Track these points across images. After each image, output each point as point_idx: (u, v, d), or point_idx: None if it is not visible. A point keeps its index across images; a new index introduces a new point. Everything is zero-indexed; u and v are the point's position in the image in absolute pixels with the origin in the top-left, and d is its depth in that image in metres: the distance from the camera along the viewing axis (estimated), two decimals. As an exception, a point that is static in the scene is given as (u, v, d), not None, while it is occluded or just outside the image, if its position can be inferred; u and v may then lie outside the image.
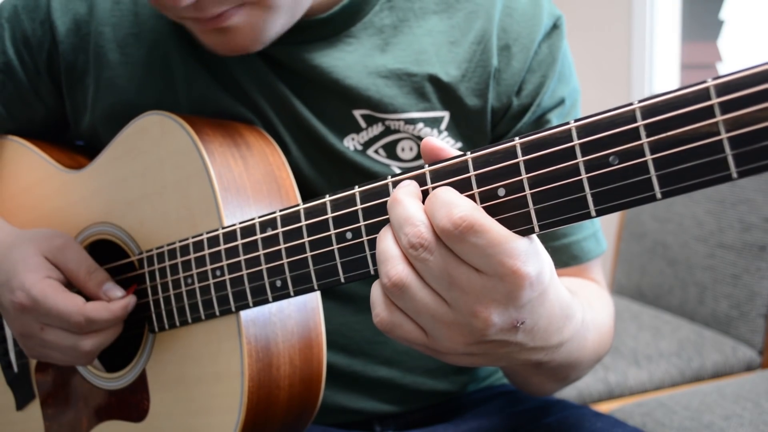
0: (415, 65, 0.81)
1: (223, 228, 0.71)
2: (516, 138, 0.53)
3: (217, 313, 0.73)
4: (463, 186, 0.55)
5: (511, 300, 0.54)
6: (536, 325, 0.58)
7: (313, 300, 0.76)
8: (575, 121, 0.51)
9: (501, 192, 0.54)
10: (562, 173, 0.51)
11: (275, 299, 0.68)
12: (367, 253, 0.61)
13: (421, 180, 0.57)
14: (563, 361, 0.70)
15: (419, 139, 0.82)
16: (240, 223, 0.70)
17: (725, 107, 0.45)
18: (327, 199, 0.63)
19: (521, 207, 0.53)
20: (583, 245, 0.88)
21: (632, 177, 0.49)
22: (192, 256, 0.74)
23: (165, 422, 0.78)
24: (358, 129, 0.82)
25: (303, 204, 0.65)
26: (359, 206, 0.61)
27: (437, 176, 0.57)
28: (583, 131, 0.50)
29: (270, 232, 0.67)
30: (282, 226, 0.66)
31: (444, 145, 0.57)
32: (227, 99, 0.83)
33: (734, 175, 0.45)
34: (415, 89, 0.81)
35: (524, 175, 0.53)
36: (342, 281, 0.63)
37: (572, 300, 0.63)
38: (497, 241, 0.52)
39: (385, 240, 0.56)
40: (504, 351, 0.59)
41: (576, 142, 0.51)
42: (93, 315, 0.75)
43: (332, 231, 0.62)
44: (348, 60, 0.80)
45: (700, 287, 1.94)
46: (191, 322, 0.75)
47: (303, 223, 0.65)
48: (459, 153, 0.56)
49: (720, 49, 2.71)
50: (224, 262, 0.71)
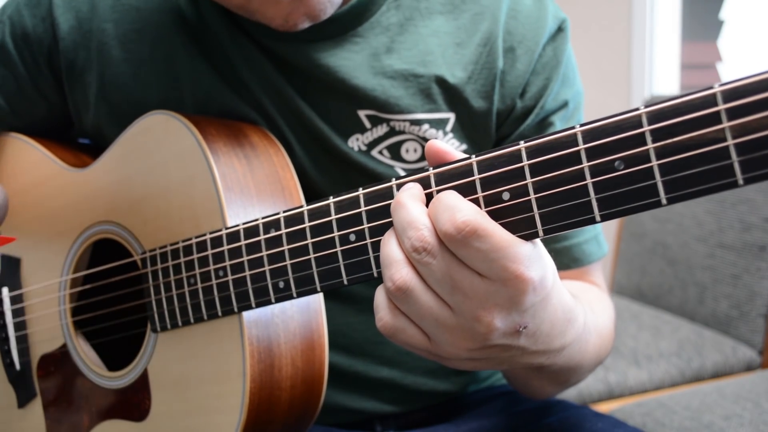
0: (422, 66, 0.81)
1: (227, 228, 0.71)
2: (521, 142, 0.53)
3: (220, 314, 0.72)
4: (468, 189, 0.55)
5: (514, 304, 0.54)
6: (538, 329, 0.58)
7: (316, 301, 0.76)
8: (580, 126, 0.51)
9: (506, 196, 0.54)
10: (567, 178, 0.51)
11: (278, 300, 0.68)
12: (371, 256, 0.61)
13: (426, 183, 0.57)
14: (564, 365, 0.70)
15: (424, 141, 0.82)
16: (243, 224, 0.70)
17: (732, 113, 0.45)
18: (331, 201, 0.63)
19: (526, 211, 0.53)
20: (585, 248, 0.88)
21: (638, 182, 0.48)
22: (195, 256, 0.74)
23: (166, 422, 0.78)
24: (363, 129, 0.82)
25: (306, 205, 0.65)
26: (363, 208, 0.61)
27: (442, 179, 0.57)
28: (589, 136, 0.50)
29: (273, 233, 0.67)
30: (285, 227, 0.66)
31: (448, 148, 0.57)
32: (232, 97, 0.82)
33: (740, 182, 0.45)
34: (422, 90, 0.81)
35: (529, 179, 0.53)
36: (345, 283, 0.63)
37: (575, 304, 0.64)
38: (500, 246, 0.52)
39: (389, 244, 0.56)
40: (506, 355, 0.59)
41: (581, 147, 0.50)
42: None
43: (336, 233, 0.62)
44: (354, 60, 0.80)
45: (700, 287, 1.94)
46: (193, 322, 0.75)
47: (306, 225, 0.64)
48: (464, 156, 0.56)
49: (720, 49, 2.72)
50: (227, 263, 0.71)
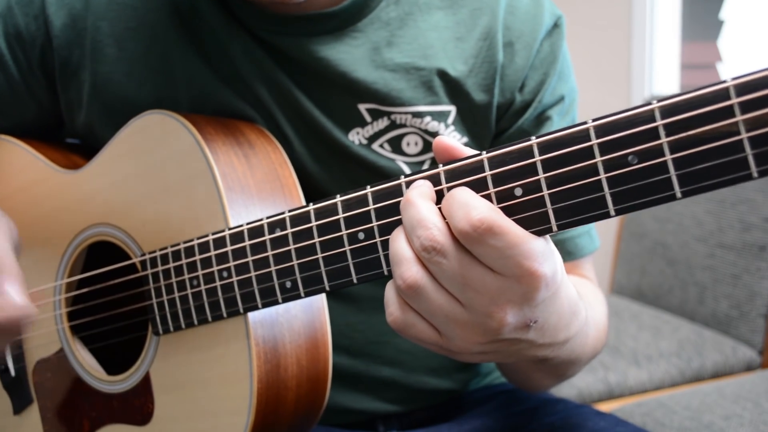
0: (423, 59, 0.81)
1: (230, 229, 0.71)
2: (532, 138, 0.53)
3: (225, 315, 0.72)
4: (479, 186, 0.55)
5: (527, 300, 0.54)
6: (546, 323, 0.58)
7: (319, 300, 0.75)
8: (593, 121, 0.51)
9: (518, 192, 0.54)
10: (581, 173, 0.51)
11: (285, 300, 0.68)
12: (381, 254, 0.60)
13: (436, 180, 0.57)
14: (566, 358, 0.70)
15: (426, 133, 0.82)
16: (247, 224, 0.69)
17: (745, 107, 0.45)
18: (338, 200, 0.62)
19: (539, 207, 0.53)
20: (578, 242, 0.88)
21: (652, 176, 0.49)
22: (197, 258, 0.73)
23: (171, 425, 0.77)
24: (363, 123, 0.82)
25: (313, 204, 0.64)
26: (371, 206, 0.60)
27: (452, 176, 0.57)
28: (602, 131, 0.50)
29: (279, 233, 0.67)
30: (291, 227, 0.66)
31: (457, 144, 0.57)
32: (228, 93, 0.82)
33: (755, 174, 0.45)
34: (423, 83, 0.81)
35: (541, 175, 0.53)
36: (355, 282, 0.62)
37: (578, 297, 0.64)
38: (515, 243, 0.52)
39: (398, 241, 0.56)
40: (515, 348, 0.60)
41: (594, 142, 0.51)
42: None
43: (344, 231, 0.62)
44: (354, 54, 0.80)
45: (700, 287, 1.94)
46: (197, 325, 0.74)
47: (313, 224, 0.64)
48: (473, 152, 0.56)
49: (720, 49, 2.72)
50: (231, 263, 0.70)
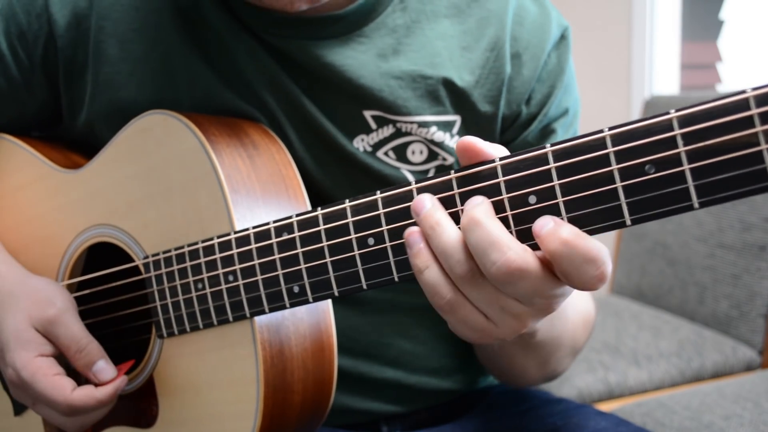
0: (430, 68, 0.80)
1: (236, 232, 0.70)
2: (547, 145, 0.53)
3: (231, 319, 0.71)
4: (492, 192, 0.55)
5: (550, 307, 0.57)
6: None
7: (324, 302, 0.75)
8: (609, 129, 0.50)
9: (532, 199, 0.53)
10: (596, 181, 0.51)
11: (293, 305, 0.67)
12: (391, 260, 0.60)
13: (448, 186, 0.57)
14: (546, 336, 0.75)
15: (431, 143, 0.81)
16: (254, 228, 0.69)
17: (765, 118, 0.45)
18: (347, 204, 0.62)
19: (553, 215, 0.53)
20: None
21: (669, 186, 0.48)
22: (202, 260, 0.73)
23: (175, 428, 0.77)
24: (369, 130, 0.81)
25: (321, 209, 0.64)
26: (381, 211, 0.60)
27: (464, 182, 0.56)
28: (618, 139, 0.50)
29: (286, 237, 0.66)
30: (299, 231, 0.65)
31: (486, 146, 0.56)
32: (231, 96, 0.81)
33: None
34: (429, 92, 0.80)
35: (556, 182, 0.52)
36: (364, 288, 0.62)
37: None
38: (541, 284, 0.53)
39: (446, 233, 0.55)
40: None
41: (611, 150, 0.50)
42: (77, 404, 0.74)
43: (353, 236, 0.62)
44: (361, 59, 0.80)
45: (700, 287, 1.94)
46: (202, 328, 0.74)
47: (321, 227, 0.64)
48: (498, 153, 0.56)
49: (720, 49, 2.72)
50: (237, 267, 0.70)
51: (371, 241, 0.61)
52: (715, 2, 2.68)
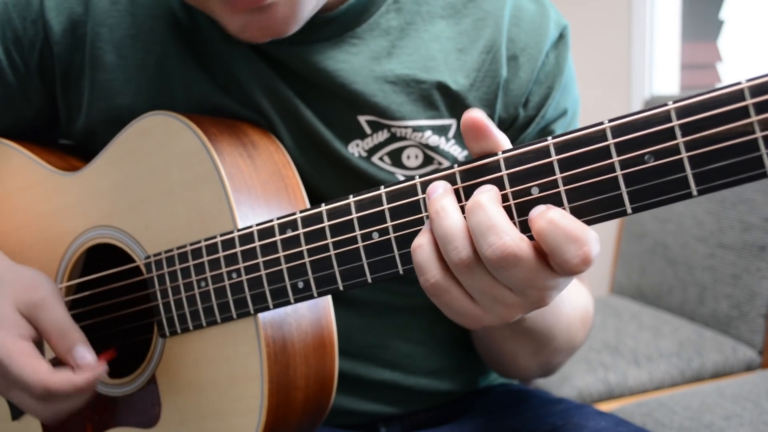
0: (424, 72, 0.80)
1: (239, 230, 0.70)
2: (548, 138, 0.54)
3: (234, 316, 0.72)
4: (495, 185, 0.56)
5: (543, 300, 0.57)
6: None
7: (325, 299, 0.75)
8: (609, 121, 0.52)
9: (534, 191, 0.55)
10: (597, 171, 0.52)
11: (297, 301, 0.68)
12: (396, 253, 0.61)
13: (451, 179, 0.58)
14: (536, 325, 0.75)
15: (426, 147, 0.81)
16: (257, 225, 0.69)
17: (759, 108, 0.46)
18: (351, 200, 0.62)
19: (556, 205, 0.54)
20: None
21: (668, 175, 0.50)
22: (205, 259, 0.73)
23: (178, 427, 0.77)
24: (363, 135, 0.81)
25: (325, 205, 0.64)
26: (386, 206, 0.61)
27: (468, 176, 0.57)
28: (618, 131, 0.51)
29: (290, 233, 0.67)
30: (303, 227, 0.66)
31: (493, 127, 0.57)
32: (228, 101, 0.81)
33: None
34: (423, 97, 0.80)
35: (558, 174, 0.54)
36: (369, 281, 0.63)
37: None
38: (534, 274, 0.54)
39: (449, 218, 0.56)
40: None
41: (611, 141, 0.52)
42: (53, 387, 0.72)
43: (357, 231, 0.62)
44: (353, 63, 0.79)
45: (700, 287, 1.94)
46: (206, 326, 0.74)
47: (326, 224, 0.64)
48: (502, 141, 0.57)
49: (720, 49, 2.72)
50: (241, 265, 0.70)
51: (376, 236, 0.62)
52: (715, 2, 2.68)
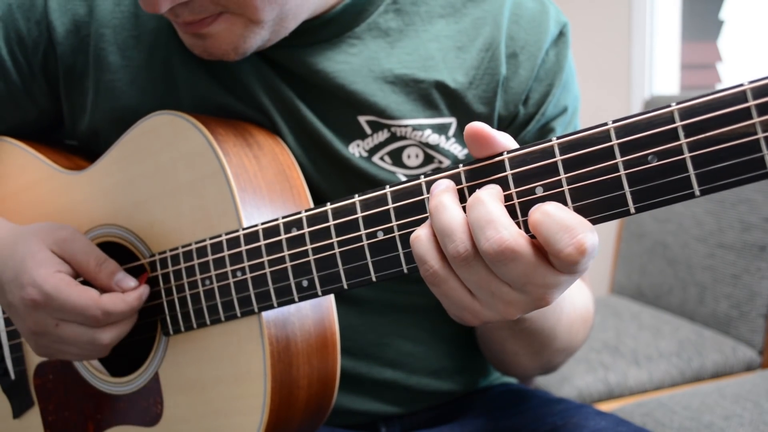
0: (423, 71, 0.80)
1: (244, 229, 0.71)
2: (553, 138, 0.54)
3: (239, 315, 0.72)
4: (500, 185, 0.56)
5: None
6: None
7: (328, 299, 0.76)
8: (613, 122, 0.52)
9: (539, 190, 0.55)
10: (601, 172, 0.53)
11: (301, 299, 0.68)
12: (400, 252, 0.61)
13: (456, 179, 0.58)
14: (537, 326, 0.75)
15: (426, 146, 0.82)
16: (262, 224, 0.70)
17: (761, 109, 0.47)
18: (356, 199, 0.63)
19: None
20: None
21: (671, 175, 0.50)
22: (210, 258, 0.73)
23: (181, 425, 0.77)
24: (364, 135, 0.81)
25: (330, 204, 0.65)
26: (391, 205, 0.61)
27: (473, 175, 0.58)
28: (622, 132, 0.52)
29: (295, 233, 0.67)
30: (308, 226, 0.66)
31: (494, 132, 0.57)
32: (231, 101, 0.82)
33: None
34: (423, 96, 0.80)
35: (562, 174, 0.54)
36: (374, 280, 0.63)
37: None
38: (532, 269, 0.54)
39: (448, 212, 0.57)
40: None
41: (615, 142, 0.52)
42: (109, 307, 0.73)
43: (362, 230, 0.63)
44: (353, 63, 0.80)
45: (700, 287, 1.95)
46: (210, 324, 0.74)
47: (331, 223, 0.65)
48: (503, 140, 0.57)
49: (720, 49, 2.72)
50: (245, 263, 0.71)
51: (380, 235, 0.62)
52: (715, 2, 2.68)
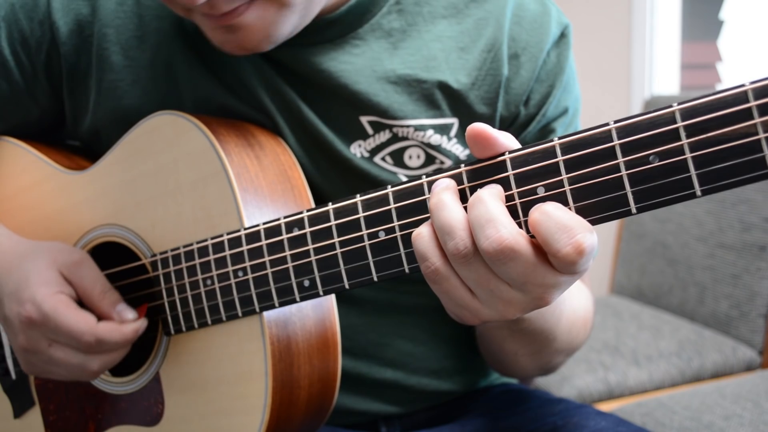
0: (425, 71, 0.80)
1: (246, 229, 0.71)
2: (555, 138, 0.55)
3: (240, 314, 0.72)
4: (501, 185, 0.57)
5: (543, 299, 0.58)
6: None
7: (329, 299, 0.76)
8: (614, 122, 0.52)
9: (540, 190, 0.55)
10: (603, 172, 0.53)
11: (303, 299, 0.68)
12: (402, 252, 0.61)
13: (458, 179, 0.58)
14: (536, 326, 0.75)
15: (428, 147, 0.82)
16: (264, 224, 0.70)
17: (763, 109, 0.47)
18: (358, 199, 0.63)
19: (561, 204, 0.54)
20: None
21: (673, 175, 0.51)
22: (212, 257, 0.73)
23: (182, 425, 0.77)
24: (365, 136, 0.81)
25: (332, 204, 0.65)
26: (392, 205, 0.61)
27: (474, 176, 0.58)
28: (624, 132, 0.52)
29: (297, 232, 0.67)
30: (310, 226, 0.66)
31: (495, 133, 0.57)
32: (233, 101, 0.82)
33: None
34: (425, 96, 0.81)
35: (564, 175, 0.54)
36: (375, 280, 0.63)
37: None
38: (531, 268, 0.54)
39: (448, 209, 0.57)
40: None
41: (616, 142, 0.52)
42: (104, 336, 0.74)
43: (364, 231, 0.63)
44: (356, 64, 0.80)
45: (700, 287, 1.95)
46: (211, 324, 0.75)
47: (332, 223, 0.65)
48: (509, 144, 0.57)
49: (720, 49, 2.72)
50: (247, 263, 0.71)
51: (382, 235, 0.62)
52: (715, 2, 2.68)
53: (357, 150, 0.82)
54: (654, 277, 2.11)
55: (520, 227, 0.56)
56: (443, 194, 0.57)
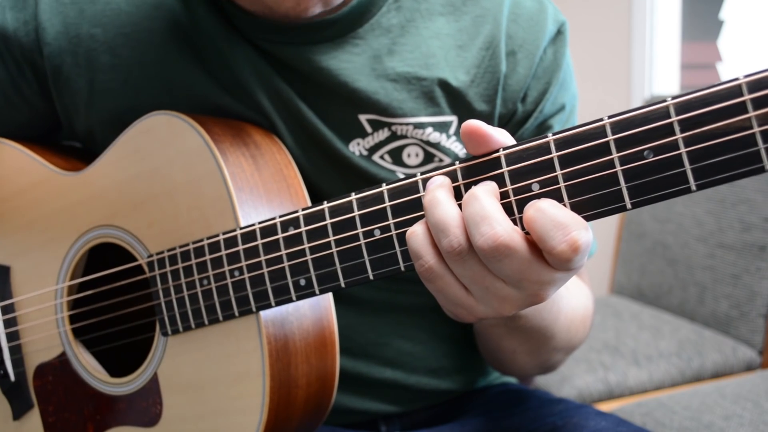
0: (425, 69, 0.80)
1: (241, 228, 0.71)
2: (549, 134, 0.54)
3: (237, 314, 0.72)
4: (496, 181, 0.56)
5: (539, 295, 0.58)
6: None
7: (326, 298, 0.76)
8: (609, 117, 0.52)
9: (535, 187, 0.55)
10: (597, 167, 0.53)
11: (299, 298, 0.68)
12: (397, 250, 0.61)
13: (452, 176, 0.58)
14: (534, 324, 0.75)
15: (427, 144, 0.82)
16: (259, 223, 0.69)
17: (757, 103, 0.47)
18: (353, 198, 0.63)
19: (556, 200, 0.54)
20: None
21: (667, 170, 0.50)
22: (208, 257, 0.73)
23: (180, 425, 0.77)
24: (364, 134, 0.81)
25: (327, 203, 0.65)
26: (387, 203, 0.61)
27: (469, 172, 0.57)
28: (618, 127, 0.52)
29: (292, 231, 0.67)
30: (305, 225, 0.66)
31: (490, 129, 0.57)
32: (229, 101, 0.82)
33: (767, 167, 0.47)
34: (425, 93, 0.81)
35: (559, 171, 0.54)
36: (371, 278, 0.63)
37: None
38: (527, 264, 0.54)
39: (442, 207, 0.57)
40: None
41: (610, 138, 0.52)
42: None
43: (360, 229, 0.63)
44: (355, 62, 0.80)
45: (700, 287, 1.95)
46: (208, 324, 0.74)
47: (328, 222, 0.65)
48: (503, 140, 0.57)
49: (720, 49, 2.72)
50: (243, 263, 0.71)
51: (377, 233, 0.62)
52: (715, 2, 2.68)
53: (355, 148, 0.82)
54: (654, 277, 2.10)
55: (515, 224, 0.56)
56: (437, 191, 0.57)
